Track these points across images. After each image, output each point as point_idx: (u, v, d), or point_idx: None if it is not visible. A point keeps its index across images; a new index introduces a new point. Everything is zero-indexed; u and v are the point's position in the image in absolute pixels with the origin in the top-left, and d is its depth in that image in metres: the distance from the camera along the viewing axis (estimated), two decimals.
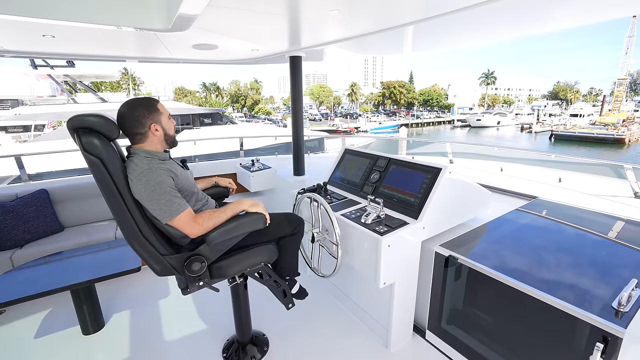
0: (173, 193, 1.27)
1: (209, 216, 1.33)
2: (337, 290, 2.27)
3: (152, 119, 1.36)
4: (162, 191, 1.24)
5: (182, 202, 1.30)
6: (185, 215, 1.28)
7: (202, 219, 1.31)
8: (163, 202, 1.24)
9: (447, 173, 1.72)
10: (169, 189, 1.27)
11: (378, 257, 1.56)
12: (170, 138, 1.44)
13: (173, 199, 1.26)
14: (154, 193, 1.22)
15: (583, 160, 3.46)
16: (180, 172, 1.42)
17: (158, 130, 1.38)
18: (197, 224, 1.29)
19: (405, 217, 1.74)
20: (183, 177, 1.42)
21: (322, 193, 2.19)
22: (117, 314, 2.18)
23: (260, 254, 1.53)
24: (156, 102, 1.41)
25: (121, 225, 1.21)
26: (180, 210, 1.27)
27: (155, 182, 1.23)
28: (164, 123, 1.41)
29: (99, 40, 2.37)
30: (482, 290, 1.58)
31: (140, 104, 1.36)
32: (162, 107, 1.43)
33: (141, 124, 1.34)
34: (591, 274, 1.42)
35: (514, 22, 2.04)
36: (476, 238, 1.82)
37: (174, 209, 1.25)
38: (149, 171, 1.25)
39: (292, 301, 1.75)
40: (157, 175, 1.25)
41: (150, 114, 1.36)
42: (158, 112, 1.39)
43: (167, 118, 1.44)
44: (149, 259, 1.28)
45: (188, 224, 1.28)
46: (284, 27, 2.15)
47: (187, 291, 1.38)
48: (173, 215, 1.25)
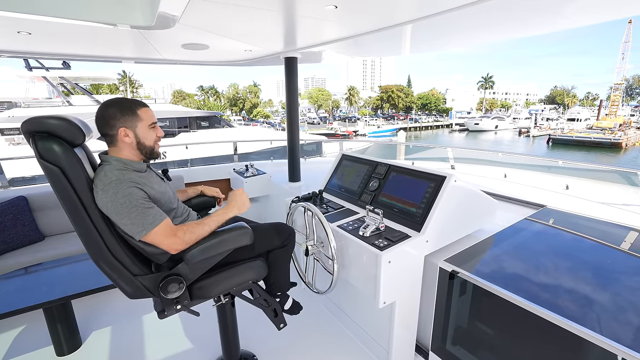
0: (146, 204, 1.13)
1: (191, 229, 1.18)
2: (334, 306, 2.12)
3: (123, 122, 1.21)
4: (133, 204, 1.09)
5: (158, 212, 1.15)
6: (162, 228, 1.13)
7: (182, 231, 1.16)
8: (135, 215, 1.09)
9: (452, 181, 1.59)
10: (141, 200, 1.12)
11: (378, 274, 1.42)
12: (145, 149, 1.27)
13: (146, 211, 1.12)
14: (123, 206, 1.08)
15: (593, 166, 3.34)
16: (158, 186, 1.28)
17: (128, 136, 1.22)
18: (177, 237, 1.14)
19: (407, 229, 1.61)
20: (160, 191, 1.27)
21: (317, 202, 2.05)
22: (95, 332, 2.03)
23: (247, 272, 1.38)
24: (136, 106, 1.25)
25: (86, 242, 1.07)
26: (156, 223, 1.12)
27: (124, 194, 1.09)
28: (139, 130, 1.24)
29: (80, 38, 2.23)
30: (490, 310, 1.44)
31: (114, 103, 1.22)
32: (145, 112, 1.26)
33: (109, 125, 1.20)
34: (609, 292, 1.29)
35: (513, 22, 1.95)
36: (483, 251, 1.69)
37: (148, 222, 1.10)
38: (117, 182, 1.10)
39: (283, 321, 1.60)
40: (126, 186, 1.11)
41: (123, 116, 1.21)
42: (134, 117, 1.23)
43: (147, 126, 1.26)
44: (118, 280, 1.14)
45: (166, 238, 1.12)
46: (277, 26, 2.02)
47: (164, 315, 1.23)
48: (148, 229, 1.10)
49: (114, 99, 1.25)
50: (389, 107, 65.27)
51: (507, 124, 48.77)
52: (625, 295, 1.28)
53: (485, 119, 48.71)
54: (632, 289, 1.31)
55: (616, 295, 1.28)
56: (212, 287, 1.29)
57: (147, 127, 1.27)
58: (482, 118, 50.22)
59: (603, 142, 30.79)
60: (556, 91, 79.20)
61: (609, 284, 1.36)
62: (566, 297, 1.28)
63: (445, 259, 1.59)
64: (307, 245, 1.73)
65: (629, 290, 1.31)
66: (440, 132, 51.82)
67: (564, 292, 1.31)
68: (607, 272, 1.45)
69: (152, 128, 1.29)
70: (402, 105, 63.69)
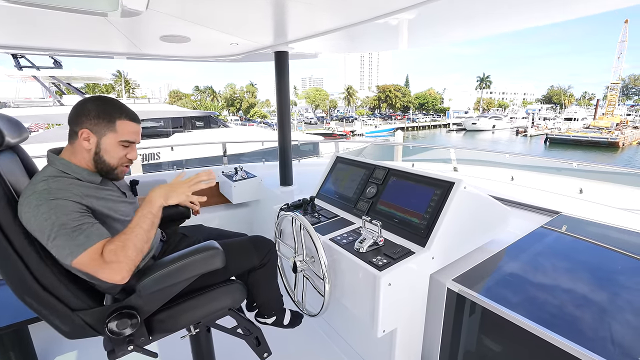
0: (78, 221, 0.89)
1: (120, 244, 0.90)
2: (327, 326, 1.91)
3: (92, 124, 1.01)
4: (60, 220, 0.86)
5: (95, 231, 0.90)
6: (89, 254, 0.86)
7: (111, 253, 0.87)
8: (62, 233, 0.86)
9: (461, 188, 1.38)
10: (74, 214, 0.89)
11: (376, 299, 1.21)
12: (102, 165, 1.05)
13: (78, 228, 0.88)
14: (47, 222, 0.85)
15: (611, 168, 3.14)
16: (115, 204, 1.06)
17: (89, 141, 1.01)
18: (110, 262, 0.87)
19: (410, 243, 1.40)
20: (117, 210, 1.05)
21: (308, 210, 1.84)
22: (58, 358, 1.80)
23: (221, 298, 1.17)
24: (120, 115, 1.05)
25: (5, 273, 0.84)
26: (89, 244, 0.86)
27: (50, 207, 0.86)
28: (105, 142, 1.03)
29: (44, 29, 2.01)
30: (507, 340, 1.23)
31: (98, 100, 1.05)
32: (124, 125, 1.05)
33: (76, 120, 1.02)
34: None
35: (512, 13, 1.77)
36: (497, 268, 1.48)
37: (77, 243, 0.86)
38: (44, 192, 0.88)
39: (267, 349, 1.39)
40: (53, 197, 0.89)
41: (97, 118, 1.01)
42: (108, 125, 1.02)
43: (118, 141, 1.05)
44: (50, 317, 0.90)
45: (98, 267, 0.86)
46: (265, 13, 1.81)
47: (115, 355, 1.00)
48: (75, 253, 0.85)
49: (104, 96, 1.08)
50: (386, 107, 65.18)
51: (505, 123, 48.78)
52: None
53: (482, 119, 48.72)
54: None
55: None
56: (177, 319, 1.08)
57: (117, 143, 1.05)
58: (479, 118, 50.24)
59: (600, 142, 30.84)
60: (553, 91, 79.48)
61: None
62: (601, 328, 1.08)
63: (453, 278, 1.38)
64: (294, 261, 1.51)
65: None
66: (437, 132, 51.78)
67: (597, 321, 1.11)
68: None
69: (124, 146, 1.07)
70: (400, 105, 63.60)
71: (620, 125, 35.99)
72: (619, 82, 45.00)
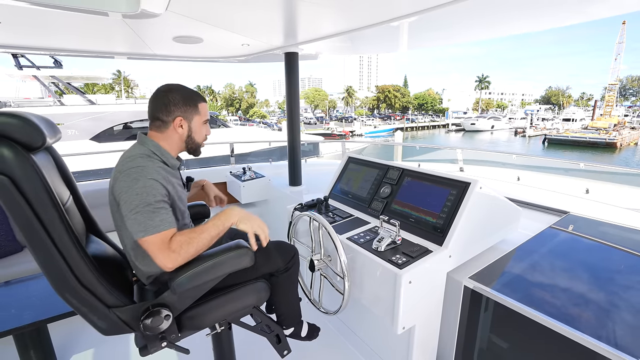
0: (160, 204, 0.98)
1: (187, 239, 0.97)
2: (344, 326, 1.93)
3: (183, 111, 1.14)
4: (148, 199, 0.95)
5: (169, 218, 0.99)
6: (163, 236, 0.94)
7: (177, 244, 0.95)
8: (145, 211, 0.94)
9: (477, 188, 1.41)
10: (159, 197, 0.98)
11: (397, 297, 1.24)
12: (193, 144, 1.21)
13: (158, 211, 0.96)
14: (137, 197, 0.94)
15: (618, 169, 3.18)
16: (179, 190, 1.17)
17: (183, 127, 1.16)
18: (172, 251, 0.94)
19: (427, 242, 1.42)
20: (179, 197, 1.16)
21: (322, 209, 1.86)
22: (75, 356, 1.82)
23: (247, 296, 1.19)
24: (198, 99, 1.20)
25: (45, 269, 0.86)
26: (161, 229, 0.94)
27: (144, 185, 0.96)
28: (194, 124, 1.19)
29: (64, 30, 2.03)
30: (522, 334, 1.26)
31: (179, 90, 1.16)
32: (203, 107, 1.21)
33: (167, 111, 1.13)
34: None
35: (512, 18, 1.82)
36: (511, 266, 1.51)
37: (153, 224, 0.94)
38: (141, 169, 0.98)
39: (287, 347, 1.42)
40: (149, 176, 0.99)
41: (185, 105, 1.15)
42: (194, 109, 1.18)
43: (202, 122, 1.21)
44: (89, 314, 0.93)
45: (160, 251, 0.93)
46: (277, 15, 1.83)
47: (147, 352, 1.03)
48: (149, 232, 0.93)
49: (175, 84, 1.19)
50: (385, 107, 65.27)
51: (503, 124, 48.94)
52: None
53: (481, 119, 48.86)
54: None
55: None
56: (205, 317, 1.10)
57: (202, 123, 1.22)
58: (478, 118, 50.38)
59: (598, 142, 30.99)
60: (551, 91, 79.80)
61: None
62: (613, 321, 1.11)
63: (469, 276, 1.40)
64: (312, 259, 1.54)
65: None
66: (436, 133, 51.89)
67: (608, 315, 1.14)
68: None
69: (205, 124, 1.24)
70: (399, 105, 63.71)
71: (618, 126, 36.16)
72: (617, 83, 45.18)
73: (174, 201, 1.10)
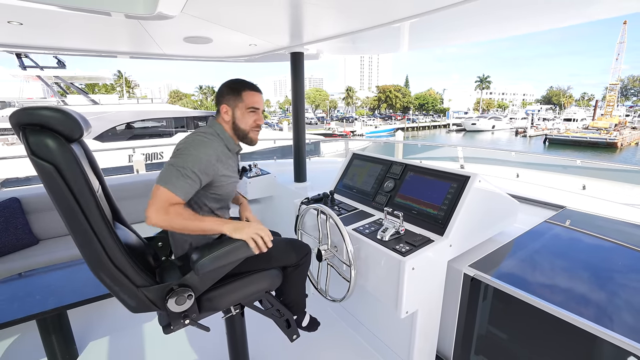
0: (190, 173, 1.07)
1: (184, 216, 1.03)
2: (347, 314, 2.01)
3: (226, 100, 1.27)
4: (186, 162, 1.07)
5: (186, 186, 1.06)
6: (168, 195, 1.01)
7: (175, 212, 1.01)
8: (175, 167, 1.06)
9: (476, 181, 1.49)
10: (196, 166, 1.08)
11: (400, 282, 1.32)
12: (239, 131, 1.29)
13: (184, 177, 1.05)
14: (179, 153, 1.10)
15: (614, 166, 3.26)
16: (231, 178, 1.27)
17: (227, 113, 1.27)
18: (166, 213, 1.00)
19: (428, 232, 1.51)
20: (228, 183, 1.25)
21: (328, 203, 1.95)
22: (93, 343, 1.90)
23: (261, 281, 1.27)
24: (243, 87, 1.28)
25: (83, 250, 0.95)
26: (170, 187, 1.02)
27: (198, 154, 1.10)
28: (238, 111, 1.27)
29: (75, 30, 2.11)
30: (518, 318, 1.34)
31: (228, 82, 1.31)
32: (249, 96, 1.28)
33: (217, 100, 1.30)
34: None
35: (512, 20, 1.88)
36: (508, 256, 1.59)
37: (169, 180, 1.03)
38: (203, 142, 1.14)
39: (296, 332, 1.50)
40: (203, 150, 1.12)
41: (229, 94, 1.27)
42: (237, 97, 1.27)
43: (246, 109, 1.28)
44: (120, 293, 1.02)
45: (160, 207, 1.00)
46: (284, 16, 1.91)
47: (170, 329, 1.11)
48: (162, 183, 1.03)
49: (233, 79, 1.32)
50: (386, 107, 65.33)
51: (504, 124, 48.94)
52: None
53: (482, 119, 48.86)
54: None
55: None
56: (222, 298, 1.18)
57: (245, 110, 1.28)
58: (479, 118, 50.37)
59: (599, 142, 31.00)
60: (552, 91, 79.77)
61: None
62: (602, 305, 1.19)
63: (469, 265, 1.49)
64: (319, 249, 1.62)
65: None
66: (437, 132, 51.94)
67: (598, 299, 1.22)
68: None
69: (251, 112, 1.29)
70: (400, 105, 63.76)
71: (619, 126, 36.16)
72: (618, 83, 45.20)
73: (220, 176, 1.20)
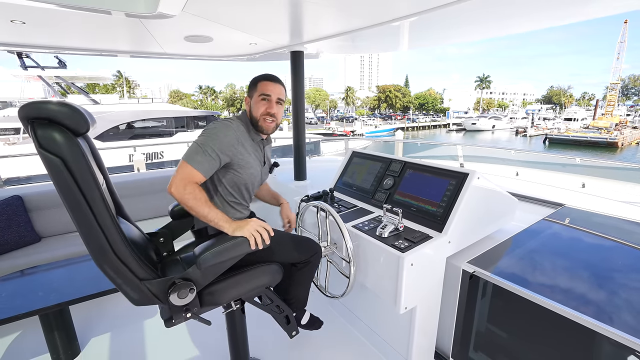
0: (213, 154, 1.17)
1: (198, 198, 1.11)
2: (347, 311, 2.02)
3: (248, 92, 1.38)
4: (207, 142, 1.17)
5: (206, 164, 1.16)
6: (190, 171, 1.13)
7: (191, 192, 1.10)
8: (200, 146, 1.16)
9: (475, 179, 1.50)
10: (217, 149, 1.18)
11: (399, 278, 1.33)
12: (253, 119, 1.35)
13: (205, 154, 1.15)
14: (205, 137, 1.19)
15: (613, 164, 3.27)
16: (249, 157, 1.31)
17: (247, 104, 1.37)
18: (184, 188, 1.10)
19: (427, 229, 1.52)
20: (249, 168, 1.30)
21: (328, 201, 1.96)
22: (95, 339, 1.92)
23: (261, 276, 1.29)
24: (260, 78, 1.36)
25: (87, 242, 0.97)
26: (194, 165, 1.13)
27: (216, 135, 1.19)
28: (254, 100, 1.35)
29: (80, 29, 2.13)
30: (517, 314, 1.35)
31: (256, 76, 1.40)
32: (263, 85, 1.34)
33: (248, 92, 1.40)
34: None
35: (512, 18, 1.89)
36: (506, 253, 1.60)
37: (193, 158, 1.14)
38: (225, 126, 1.23)
39: (296, 328, 1.51)
40: (224, 131, 1.21)
41: (250, 86, 1.38)
42: (254, 87, 1.36)
43: (258, 97, 1.34)
44: (123, 286, 1.03)
45: (181, 180, 1.11)
46: (284, 15, 1.93)
47: (172, 323, 1.12)
48: (186, 159, 1.14)
49: (260, 74, 1.40)
50: (386, 107, 65.30)
51: (504, 123, 48.88)
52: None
53: (482, 119, 48.81)
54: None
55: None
56: (223, 293, 1.20)
57: (259, 98, 1.33)
58: (479, 118, 50.33)
59: (599, 142, 30.96)
60: (553, 91, 79.71)
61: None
62: (601, 301, 1.20)
63: (468, 261, 1.50)
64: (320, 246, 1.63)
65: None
66: (437, 132, 51.91)
67: (596, 295, 1.23)
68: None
69: (263, 100, 1.33)
70: (400, 105, 63.73)
71: (620, 126, 36.12)
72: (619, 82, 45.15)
73: (239, 159, 1.26)
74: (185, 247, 1.50)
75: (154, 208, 2.91)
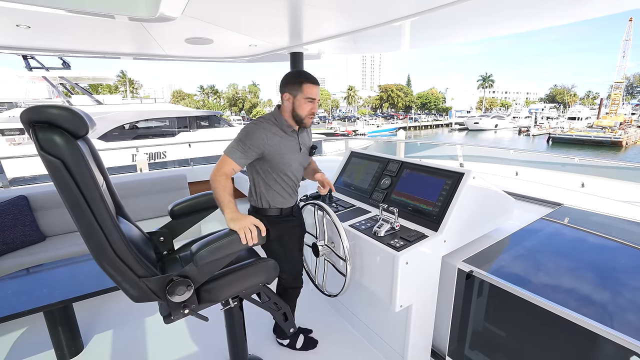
0: (247, 145, 1.38)
1: (223, 184, 1.31)
2: (344, 308, 2.05)
3: (288, 89, 1.47)
4: (243, 137, 1.39)
5: (242, 156, 1.38)
6: (228, 161, 1.36)
7: (219, 180, 1.31)
8: (237, 140, 1.40)
9: (470, 178, 1.52)
10: (249, 143, 1.38)
11: (394, 276, 1.35)
12: (297, 116, 1.50)
13: (242, 146, 1.38)
14: (242, 134, 1.40)
15: (612, 163, 3.27)
16: (283, 147, 1.48)
17: (289, 101, 1.47)
18: (216, 175, 1.32)
19: (423, 228, 1.54)
20: (283, 155, 1.47)
21: (326, 200, 1.98)
22: (98, 335, 1.96)
23: (258, 274, 1.32)
24: (304, 79, 1.46)
25: (87, 240, 1.00)
26: (231, 156, 1.37)
27: (251, 132, 1.39)
28: (297, 99, 1.47)
29: (80, 32, 2.17)
30: (512, 313, 1.37)
31: (289, 73, 1.52)
32: (308, 88, 1.46)
33: (282, 89, 1.50)
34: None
35: (513, 17, 1.91)
36: (502, 252, 1.62)
37: (232, 151, 1.38)
38: (257, 124, 1.43)
39: (293, 325, 1.54)
40: (255, 128, 1.41)
41: (289, 84, 1.47)
42: (297, 88, 1.46)
43: (304, 99, 1.47)
44: (122, 283, 1.07)
45: (219, 165, 1.36)
46: (283, 17, 1.96)
47: (170, 319, 1.16)
48: (226, 152, 1.39)
49: (297, 70, 1.56)
50: (388, 107, 65.17)
51: (507, 123, 48.59)
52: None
53: (484, 118, 48.54)
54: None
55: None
56: (221, 290, 1.23)
57: (304, 100, 1.47)
58: (481, 117, 50.03)
59: (603, 141, 30.68)
60: (556, 90, 79.16)
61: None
62: (598, 300, 1.21)
63: (463, 260, 1.52)
64: (316, 244, 1.66)
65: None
66: (439, 132, 51.73)
67: (591, 295, 1.25)
68: (636, 272, 1.38)
69: (309, 102, 1.48)
70: (402, 104, 63.59)
71: (624, 125, 35.76)
72: (624, 80, 44.69)
73: (276, 149, 1.45)
74: (184, 246, 1.54)
75: (155, 208, 2.95)
